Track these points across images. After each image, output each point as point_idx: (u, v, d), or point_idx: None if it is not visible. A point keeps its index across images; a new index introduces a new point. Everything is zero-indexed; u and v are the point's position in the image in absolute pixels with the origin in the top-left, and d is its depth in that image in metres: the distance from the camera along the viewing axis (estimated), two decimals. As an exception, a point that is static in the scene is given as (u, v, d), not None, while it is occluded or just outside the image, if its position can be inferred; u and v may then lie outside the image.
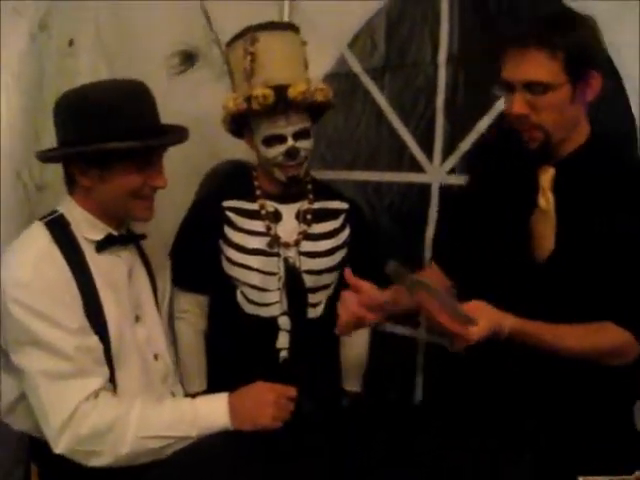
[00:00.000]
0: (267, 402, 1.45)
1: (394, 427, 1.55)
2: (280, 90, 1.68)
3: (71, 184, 1.50)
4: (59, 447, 1.37)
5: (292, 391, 1.49)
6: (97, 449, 1.37)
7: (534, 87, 1.40)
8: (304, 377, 1.67)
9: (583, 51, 1.40)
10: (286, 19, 2.26)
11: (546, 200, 1.51)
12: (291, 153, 1.73)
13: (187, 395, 1.71)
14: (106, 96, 1.41)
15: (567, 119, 1.46)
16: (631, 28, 1.70)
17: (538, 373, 1.49)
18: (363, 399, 1.99)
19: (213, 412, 1.44)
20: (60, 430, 1.36)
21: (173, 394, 1.60)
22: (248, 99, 1.69)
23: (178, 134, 1.51)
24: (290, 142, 1.72)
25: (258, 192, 1.83)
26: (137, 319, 1.53)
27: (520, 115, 1.43)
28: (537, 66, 1.39)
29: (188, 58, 1.87)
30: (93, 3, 1.95)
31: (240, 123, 1.79)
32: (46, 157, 1.51)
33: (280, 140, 1.73)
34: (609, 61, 1.70)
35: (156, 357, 1.56)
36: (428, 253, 2.14)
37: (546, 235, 1.51)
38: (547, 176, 1.52)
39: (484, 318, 1.34)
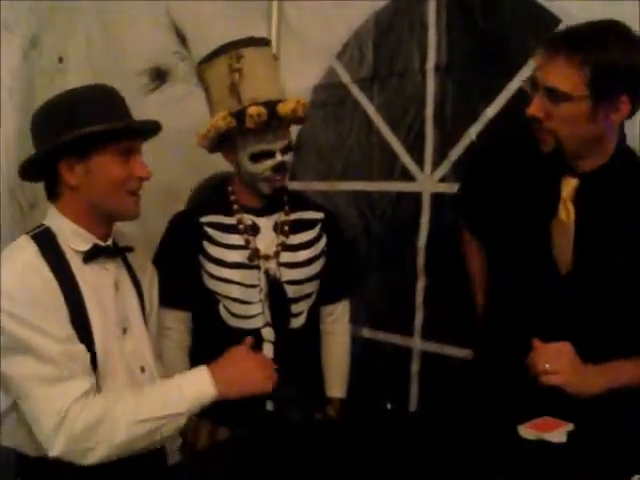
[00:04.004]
0: (251, 368, 1.47)
1: (388, 436, 1.55)
2: (270, 106, 1.70)
3: (54, 190, 1.50)
4: (55, 449, 1.37)
5: (269, 359, 1.54)
6: (91, 444, 1.37)
7: (553, 94, 1.40)
8: (290, 386, 1.68)
9: (612, 72, 1.36)
10: (274, 32, 2.28)
11: (566, 211, 1.50)
12: (279, 167, 1.76)
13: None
14: (81, 95, 1.47)
15: (584, 135, 1.44)
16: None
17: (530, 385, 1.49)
18: (347, 406, 2.00)
19: (197, 384, 1.44)
20: (54, 432, 1.37)
21: None
22: (238, 116, 1.70)
23: (152, 123, 1.55)
24: (279, 157, 1.75)
25: (235, 206, 1.85)
26: (124, 331, 1.54)
27: (533, 117, 1.43)
28: (560, 74, 1.38)
29: (159, 76, 1.88)
30: (83, 21, 1.98)
31: (223, 139, 1.80)
32: (33, 159, 1.49)
33: (268, 156, 1.75)
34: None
35: (143, 369, 1.57)
36: (420, 261, 2.16)
37: (564, 246, 1.50)
38: (569, 187, 1.51)
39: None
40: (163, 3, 1.99)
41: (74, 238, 1.49)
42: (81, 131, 1.41)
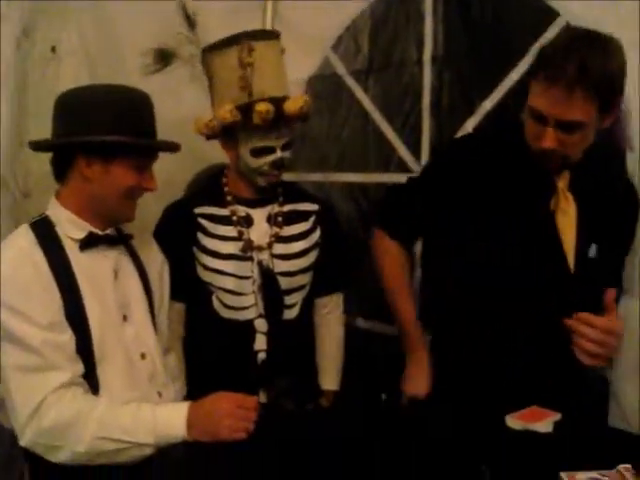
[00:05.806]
0: (223, 413, 1.43)
1: (383, 427, 1.55)
2: (277, 104, 1.70)
3: (64, 173, 1.51)
4: (24, 439, 1.40)
5: (252, 400, 1.46)
6: (57, 444, 1.39)
7: (570, 126, 1.40)
8: (283, 378, 1.68)
9: (616, 87, 1.41)
10: (269, 22, 2.27)
11: (566, 200, 1.54)
12: (278, 164, 1.77)
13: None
14: (122, 96, 1.49)
15: (588, 144, 1.48)
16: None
17: (520, 372, 1.49)
18: (340, 398, 2.00)
19: (171, 422, 1.43)
20: (26, 422, 1.39)
21: (160, 394, 1.60)
22: (245, 111, 1.70)
23: (172, 144, 1.59)
24: (279, 154, 1.76)
25: (229, 198, 1.85)
26: (124, 318, 1.55)
27: (550, 150, 1.44)
28: (580, 108, 1.38)
29: (163, 57, 1.88)
30: (76, 10, 1.97)
31: (227, 132, 1.79)
32: (59, 144, 1.50)
33: (269, 151, 1.76)
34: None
35: (143, 356, 1.57)
36: (417, 250, 2.15)
37: (567, 235, 1.54)
38: (564, 178, 1.55)
39: None
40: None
41: (70, 226, 1.51)
42: (114, 138, 1.44)
